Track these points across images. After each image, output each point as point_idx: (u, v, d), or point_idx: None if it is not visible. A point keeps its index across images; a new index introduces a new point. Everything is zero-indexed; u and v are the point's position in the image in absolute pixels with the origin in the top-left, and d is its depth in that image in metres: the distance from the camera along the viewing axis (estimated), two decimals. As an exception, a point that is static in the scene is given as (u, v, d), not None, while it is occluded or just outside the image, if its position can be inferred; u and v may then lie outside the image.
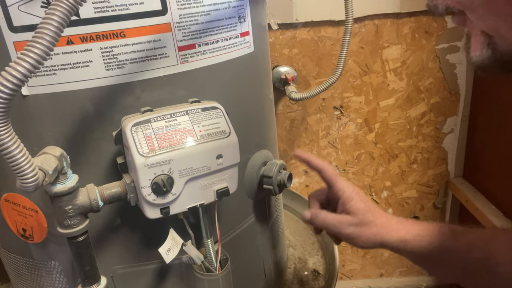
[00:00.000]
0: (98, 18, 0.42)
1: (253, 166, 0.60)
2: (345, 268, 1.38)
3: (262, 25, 0.61)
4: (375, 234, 0.54)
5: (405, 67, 1.12)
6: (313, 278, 0.80)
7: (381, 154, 1.23)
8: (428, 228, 0.54)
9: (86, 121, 0.46)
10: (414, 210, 1.32)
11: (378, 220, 0.55)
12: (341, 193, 0.57)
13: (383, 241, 0.54)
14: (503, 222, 1.02)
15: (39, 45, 0.30)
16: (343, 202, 0.56)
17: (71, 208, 0.41)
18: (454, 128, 1.21)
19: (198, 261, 0.51)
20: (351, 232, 0.55)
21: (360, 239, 0.55)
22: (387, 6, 1.04)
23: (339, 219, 0.56)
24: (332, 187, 0.58)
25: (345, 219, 0.55)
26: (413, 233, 0.53)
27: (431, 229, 0.53)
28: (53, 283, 0.54)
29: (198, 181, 0.45)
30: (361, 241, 0.55)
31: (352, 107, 1.16)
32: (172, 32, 0.46)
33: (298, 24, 1.05)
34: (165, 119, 0.45)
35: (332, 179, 0.58)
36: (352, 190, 0.57)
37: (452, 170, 1.26)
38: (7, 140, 0.31)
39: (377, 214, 0.55)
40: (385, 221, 0.55)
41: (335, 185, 0.57)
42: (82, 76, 0.43)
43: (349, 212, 0.55)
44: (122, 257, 0.52)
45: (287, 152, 1.22)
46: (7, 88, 0.29)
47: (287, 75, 1.06)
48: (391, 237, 0.54)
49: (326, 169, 0.58)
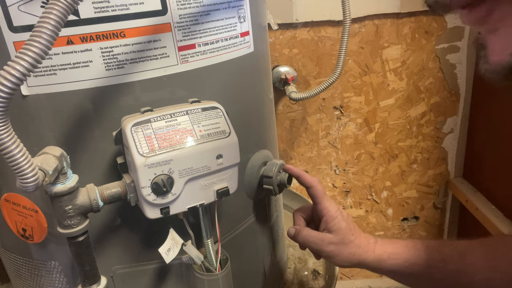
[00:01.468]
0: (98, 18, 0.42)
1: (253, 166, 0.60)
2: (345, 268, 1.38)
3: (262, 25, 0.61)
4: (354, 254, 0.56)
5: (405, 67, 1.12)
6: (313, 278, 0.80)
7: (381, 154, 1.23)
8: (403, 246, 0.56)
9: (86, 121, 0.46)
10: (414, 210, 1.32)
11: (357, 240, 0.57)
12: (325, 212, 0.58)
13: (360, 260, 0.57)
14: (503, 222, 1.03)
15: (37, 44, 0.30)
16: (326, 220, 0.58)
17: (71, 208, 0.41)
18: (454, 128, 1.21)
19: (198, 261, 0.51)
20: (331, 250, 0.57)
21: (339, 257, 0.57)
22: (387, 6, 1.04)
23: (320, 237, 0.58)
24: (318, 204, 0.59)
25: (327, 238, 0.57)
26: (389, 251, 0.56)
27: (406, 246, 0.56)
28: (53, 283, 0.54)
29: (198, 181, 0.45)
30: (339, 259, 0.57)
31: (352, 107, 1.16)
32: (172, 32, 0.46)
33: (298, 24, 1.05)
34: (165, 119, 0.45)
35: (320, 196, 0.59)
36: (336, 210, 0.58)
37: (452, 170, 1.26)
38: (7, 140, 0.31)
39: (357, 234, 0.58)
40: (364, 241, 0.58)
41: (321, 203, 0.59)
42: (82, 76, 0.43)
43: (331, 231, 0.57)
44: (122, 257, 0.52)
45: (287, 152, 1.22)
46: (6, 87, 0.29)
47: (287, 75, 1.06)
48: (368, 257, 0.56)
49: (315, 186, 0.60)
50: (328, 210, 0.58)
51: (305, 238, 0.59)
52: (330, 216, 0.58)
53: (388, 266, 0.56)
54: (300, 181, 0.61)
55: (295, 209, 0.66)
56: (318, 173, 1.25)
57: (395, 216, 1.32)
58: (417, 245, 0.56)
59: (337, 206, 0.59)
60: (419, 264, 0.54)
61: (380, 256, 0.56)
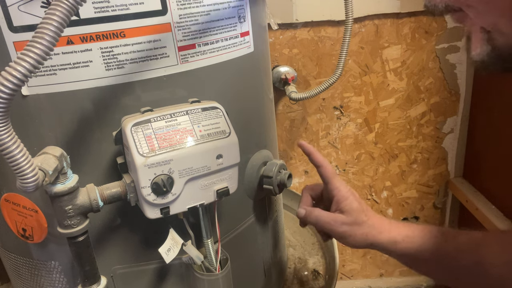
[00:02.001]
0: (98, 18, 0.42)
1: (253, 166, 0.60)
2: (345, 268, 1.38)
3: (262, 25, 0.61)
4: (367, 234, 0.55)
5: (405, 67, 1.12)
6: (313, 278, 0.80)
7: (381, 154, 1.23)
8: (418, 230, 0.54)
9: (86, 121, 0.46)
10: (414, 210, 1.32)
11: (370, 220, 0.56)
12: (336, 192, 0.57)
13: (374, 241, 0.55)
14: (503, 222, 1.02)
15: (39, 45, 0.30)
16: (337, 201, 0.57)
17: (71, 208, 0.41)
18: (454, 128, 1.21)
19: (198, 261, 0.51)
20: (344, 230, 0.56)
21: (352, 238, 0.56)
22: (387, 6, 1.04)
23: (333, 217, 0.57)
24: (328, 184, 0.58)
25: (339, 218, 0.56)
26: (404, 234, 0.54)
27: (421, 231, 0.54)
28: (53, 283, 0.54)
29: (198, 181, 0.45)
30: (353, 240, 0.56)
31: (352, 107, 1.16)
32: (172, 32, 0.46)
33: (298, 24, 1.05)
34: (165, 119, 0.45)
35: (330, 176, 0.58)
36: (348, 190, 0.57)
37: (452, 170, 1.26)
38: (7, 140, 0.31)
39: (370, 215, 0.56)
40: (378, 221, 0.56)
41: (332, 183, 0.58)
42: (82, 76, 0.43)
43: (343, 211, 0.56)
44: (122, 257, 0.52)
45: (287, 152, 1.22)
46: (7, 88, 0.29)
47: (287, 75, 1.06)
48: (382, 238, 0.55)
49: (325, 166, 0.59)
50: (340, 190, 0.57)
51: (317, 218, 0.57)
52: (341, 196, 0.57)
53: (401, 249, 0.54)
54: (311, 159, 0.60)
55: (304, 187, 0.64)
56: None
57: (395, 216, 1.32)
58: (433, 231, 0.54)
59: (348, 187, 0.58)
60: (433, 250, 0.52)
61: (395, 238, 0.54)
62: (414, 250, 0.53)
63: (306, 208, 0.60)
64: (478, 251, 0.50)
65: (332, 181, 0.58)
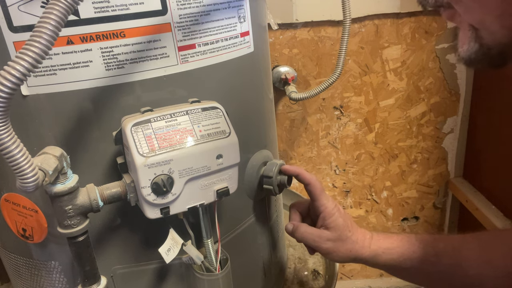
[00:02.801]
0: (98, 18, 0.42)
1: (253, 166, 0.60)
2: (345, 268, 1.38)
3: (262, 25, 0.61)
4: (351, 250, 0.58)
5: (405, 67, 1.12)
6: (313, 278, 0.80)
7: (381, 154, 1.23)
8: (398, 240, 0.57)
9: (86, 121, 0.46)
10: (414, 210, 1.32)
11: (354, 236, 0.58)
12: (323, 208, 0.59)
13: (357, 256, 0.58)
14: (503, 222, 1.03)
15: (37, 44, 0.30)
16: (323, 217, 0.59)
17: (71, 208, 0.41)
18: (454, 128, 1.21)
19: (198, 261, 0.51)
20: (328, 247, 0.58)
21: (336, 254, 0.58)
22: (387, 6, 1.04)
23: (318, 234, 0.59)
24: (315, 201, 0.60)
25: (324, 234, 0.58)
26: (384, 247, 0.57)
27: (400, 241, 0.57)
28: (53, 283, 0.54)
29: (198, 181, 0.45)
30: (337, 255, 0.58)
31: (352, 107, 1.16)
32: (172, 32, 0.46)
33: (298, 24, 1.05)
34: (165, 119, 0.45)
35: (318, 193, 0.60)
36: (334, 207, 0.59)
37: (452, 170, 1.26)
38: (7, 140, 0.31)
39: (353, 230, 0.59)
40: (360, 236, 0.59)
41: (319, 200, 0.60)
42: (82, 76, 0.43)
43: (328, 228, 0.58)
44: (122, 257, 0.52)
45: (287, 152, 1.22)
46: (6, 87, 0.29)
47: (287, 75, 1.06)
48: (364, 252, 0.57)
49: (313, 184, 0.60)
50: (326, 207, 0.59)
51: (303, 235, 0.59)
52: (327, 213, 0.58)
53: (383, 261, 0.57)
54: (299, 179, 0.61)
55: (290, 204, 0.66)
56: (318, 173, 1.25)
57: (395, 216, 1.32)
58: (411, 240, 0.56)
59: (335, 202, 0.60)
60: (413, 258, 0.55)
61: (376, 251, 0.57)
62: (394, 261, 0.56)
63: (294, 224, 0.62)
64: (456, 254, 0.53)
65: (320, 198, 0.60)
